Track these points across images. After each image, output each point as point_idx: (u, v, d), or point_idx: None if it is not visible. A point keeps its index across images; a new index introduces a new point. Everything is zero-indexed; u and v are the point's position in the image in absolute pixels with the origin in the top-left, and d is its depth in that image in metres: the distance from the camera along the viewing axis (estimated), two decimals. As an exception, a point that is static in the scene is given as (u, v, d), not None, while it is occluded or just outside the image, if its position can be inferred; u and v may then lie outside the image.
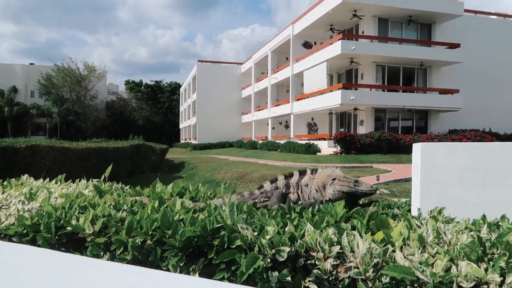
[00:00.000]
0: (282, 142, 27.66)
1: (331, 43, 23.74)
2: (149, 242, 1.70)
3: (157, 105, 63.71)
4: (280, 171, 17.87)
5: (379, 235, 1.59)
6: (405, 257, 1.39)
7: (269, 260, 1.50)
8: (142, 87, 64.36)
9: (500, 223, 1.91)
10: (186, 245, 1.62)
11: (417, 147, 5.19)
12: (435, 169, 5.04)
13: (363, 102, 22.76)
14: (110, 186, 2.74)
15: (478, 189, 5.05)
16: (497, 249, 1.41)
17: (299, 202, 2.45)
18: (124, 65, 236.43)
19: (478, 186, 5.03)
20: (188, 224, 1.69)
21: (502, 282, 1.25)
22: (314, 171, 2.57)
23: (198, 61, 44.09)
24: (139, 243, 1.70)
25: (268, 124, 34.57)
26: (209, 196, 2.38)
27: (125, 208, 2.07)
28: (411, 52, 23.25)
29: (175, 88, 64.58)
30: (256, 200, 2.47)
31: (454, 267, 1.34)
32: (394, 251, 1.46)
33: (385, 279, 1.34)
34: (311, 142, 24.22)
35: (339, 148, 21.96)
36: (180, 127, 59.30)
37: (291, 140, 27.31)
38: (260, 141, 32.53)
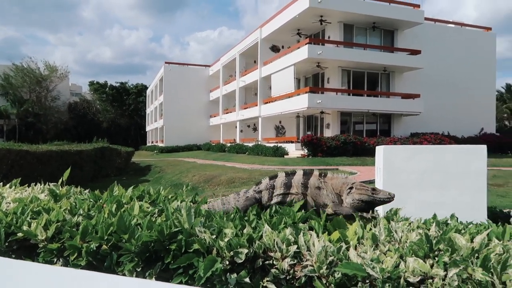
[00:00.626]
0: (250, 145, 27.75)
1: (298, 47, 24.10)
2: (104, 247, 1.66)
3: (122, 107, 62.21)
4: (248, 174, 17.90)
5: (335, 235, 1.63)
6: (358, 255, 1.44)
7: (227, 263, 1.51)
8: (107, 89, 62.68)
9: (449, 222, 2.00)
10: (142, 250, 1.60)
11: (379, 150, 5.34)
12: (396, 171, 5.20)
13: (329, 106, 23.22)
14: (67, 190, 2.65)
15: (437, 191, 5.24)
16: (443, 245, 1.48)
17: (310, 206, 2.29)
18: (88, 66, 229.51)
19: (438, 188, 5.23)
20: (145, 228, 1.66)
21: (446, 276, 1.31)
22: (322, 174, 2.47)
23: (165, 62, 43.54)
24: (94, 248, 1.66)
25: (236, 127, 34.58)
26: (170, 200, 2.35)
27: (81, 212, 2.01)
28: (375, 57, 23.97)
29: (141, 89, 63.36)
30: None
31: (402, 263, 1.40)
32: (348, 249, 1.50)
33: (338, 275, 1.38)
34: (279, 145, 24.44)
35: (306, 151, 22.27)
36: (146, 130, 58.23)
37: (259, 143, 27.44)
38: (228, 144, 32.47)
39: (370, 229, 1.76)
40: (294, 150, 23.82)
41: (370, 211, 2.17)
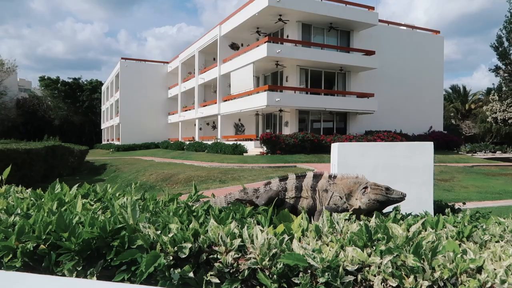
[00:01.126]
0: (209, 143, 27.57)
1: (258, 46, 24.21)
2: (42, 246, 1.58)
3: (76, 104, 59.65)
4: (206, 172, 17.79)
5: (280, 228, 1.66)
6: (301, 246, 1.47)
7: (171, 258, 1.49)
8: (59, 85, 59.81)
9: (391, 213, 2.09)
10: (83, 248, 1.54)
11: (334, 147, 5.50)
12: (350, 167, 5.37)
13: (288, 104, 23.53)
14: (6, 190, 2.50)
15: (388, 185, 5.50)
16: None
17: (318, 209, 2.27)
18: (38, 60, 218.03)
19: (388, 182, 5.48)
20: (87, 225, 1.61)
21: (382, 263, 1.37)
22: (332, 175, 2.44)
23: (122, 58, 42.20)
24: (31, 249, 1.58)
25: (195, 125, 34.21)
26: (116, 197, 2.28)
27: (19, 212, 1.91)
28: (332, 57, 24.57)
29: (96, 86, 61.07)
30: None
31: (342, 253, 1.45)
32: (291, 241, 1.53)
33: (280, 266, 1.40)
34: (238, 142, 24.46)
35: (265, 149, 22.45)
36: (102, 128, 56.25)
37: (219, 140, 27.34)
38: (187, 142, 32.07)
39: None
40: (253, 148, 23.93)
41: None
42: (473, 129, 41.65)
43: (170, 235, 1.52)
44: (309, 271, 1.41)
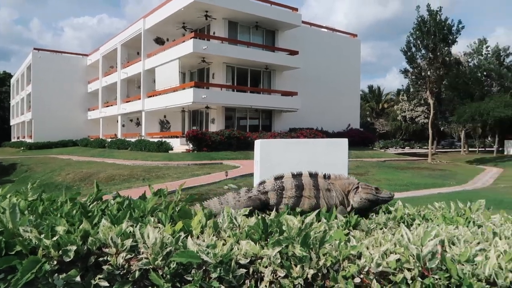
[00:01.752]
0: (133, 140, 26.50)
1: (184, 41, 23.79)
2: None
3: (-20, 98, 53.65)
4: (129, 170, 17.08)
5: (179, 225, 1.63)
6: (195, 243, 1.46)
7: (55, 263, 1.39)
8: (-41, 75, 53.32)
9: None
10: (-49, 257, 1.38)
11: (257, 144, 5.60)
12: (272, 164, 5.51)
13: (214, 101, 23.46)
14: None
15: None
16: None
17: (321, 208, 2.19)
18: None
19: (308, 178, 5.76)
20: (-42, 231, 1.44)
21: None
22: (326, 175, 2.35)
23: (34, 49, 38.79)
24: None
25: (118, 121, 32.64)
26: (6, 199, 2.07)
27: None
28: (258, 55, 24.98)
29: (4, 78, 55.49)
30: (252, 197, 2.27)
31: (237, 246, 1.47)
32: (187, 238, 1.52)
33: (173, 265, 1.38)
34: (164, 140, 23.86)
35: (191, 146, 22.18)
36: (11, 124, 51.21)
37: (143, 138, 26.39)
38: (109, 140, 30.50)
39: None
40: (179, 145, 23.50)
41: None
42: (385, 126, 45.16)
43: (54, 239, 1.42)
44: (203, 267, 1.41)
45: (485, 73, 30.92)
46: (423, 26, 23.44)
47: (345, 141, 5.78)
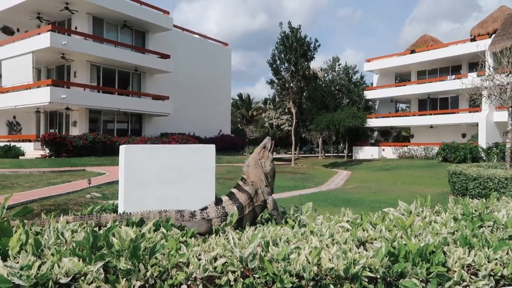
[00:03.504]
0: (-29, 144, 22.48)
1: (39, 34, 21.27)
2: None
3: None
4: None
5: (-8, 246, 1.45)
6: (5, 265, 1.32)
7: None
8: None
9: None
10: None
11: (122, 149, 5.33)
12: (137, 170, 5.31)
13: (76, 102, 21.52)
14: None
15: (174, 186, 5.67)
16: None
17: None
18: None
19: (175, 183, 5.66)
20: None
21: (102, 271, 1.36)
22: (245, 181, 2.47)
23: None
24: None
25: (-49, 122, 27.31)
26: None
27: None
28: (126, 56, 23.82)
29: None
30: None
31: (56, 264, 1.37)
32: (5, 259, 1.36)
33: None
34: (13, 144, 20.93)
35: (48, 151, 19.92)
36: None
37: (-15, 141, 22.63)
38: None
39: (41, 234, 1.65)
40: (32, 150, 20.86)
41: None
42: (255, 133, 47.68)
43: None
44: (13, 291, 1.28)
45: (337, 87, 35.21)
46: (286, 41, 25.49)
47: (212, 147, 5.93)
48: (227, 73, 33.57)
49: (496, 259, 1.63)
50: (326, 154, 39.23)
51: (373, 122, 32.75)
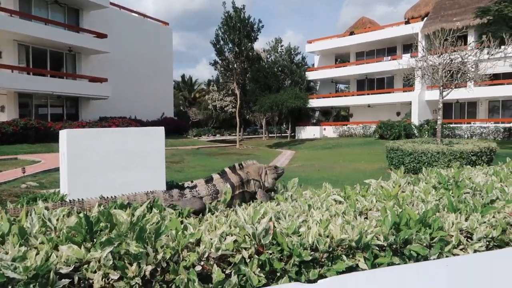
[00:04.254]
0: None
1: (-47, 8, 18.96)
2: None
3: None
4: None
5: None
6: (-5, 258, 1.14)
7: None
8: None
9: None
10: None
11: (63, 134, 4.93)
12: (81, 155, 4.96)
13: (3, 85, 19.70)
14: None
15: (122, 171, 5.38)
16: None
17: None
18: None
19: (123, 167, 5.38)
20: None
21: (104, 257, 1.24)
22: (241, 166, 2.55)
23: None
24: None
25: None
26: None
27: None
28: (59, 35, 22.09)
29: None
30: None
31: (55, 253, 1.22)
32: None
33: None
34: None
35: (-29, 140, 18.06)
36: None
37: None
38: None
39: (19, 222, 1.47)
40: (-47, 139, 18.79)
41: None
42: (198, 115, 46.95)
43: None
44: (9, 286, 1.12)
45: (280, 68, 35.55)
46: (230, 22, 25.11)
47: (161, 129, 5.71)
48: (168, 54, 32.45)
49: (485, 222, 1.73)
50: (270, 135, 39.79)
51: (314, 103, 33.63)
